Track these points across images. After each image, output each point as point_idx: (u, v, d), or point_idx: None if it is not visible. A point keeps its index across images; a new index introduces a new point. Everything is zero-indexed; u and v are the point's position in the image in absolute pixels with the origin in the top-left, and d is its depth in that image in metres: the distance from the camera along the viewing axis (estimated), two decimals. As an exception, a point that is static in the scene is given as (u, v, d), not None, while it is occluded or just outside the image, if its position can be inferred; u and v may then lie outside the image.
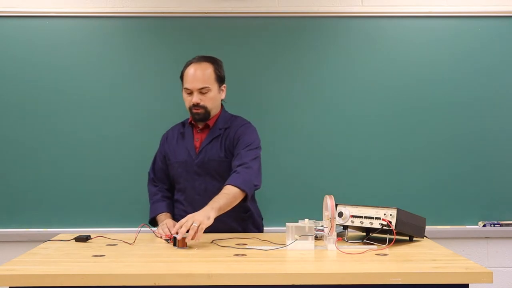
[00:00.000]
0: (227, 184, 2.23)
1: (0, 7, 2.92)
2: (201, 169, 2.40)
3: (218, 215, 2.11)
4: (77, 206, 2.91)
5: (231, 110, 2.54)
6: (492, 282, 1.62)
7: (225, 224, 2.31)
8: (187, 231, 2.00)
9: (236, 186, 2.22)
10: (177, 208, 2.48)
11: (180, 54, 2.44)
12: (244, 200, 2.28)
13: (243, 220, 2.44)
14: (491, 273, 1.63)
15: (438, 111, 2.95)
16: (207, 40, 2.94)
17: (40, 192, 2.91)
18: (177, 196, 2.49)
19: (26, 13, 2.92)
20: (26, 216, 2.91)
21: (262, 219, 2.57)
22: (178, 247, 2.00)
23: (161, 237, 2.23)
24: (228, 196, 2.19)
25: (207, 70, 2.37)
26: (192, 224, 1.99)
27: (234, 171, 2.28)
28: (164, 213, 2.44)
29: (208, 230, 2.05)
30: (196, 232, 1.99)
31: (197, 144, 2.43)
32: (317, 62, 2.96)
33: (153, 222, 2.46)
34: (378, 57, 2.96)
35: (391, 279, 1.63)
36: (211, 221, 2.06)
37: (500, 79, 2.96)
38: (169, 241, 2.13)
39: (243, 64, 2.96)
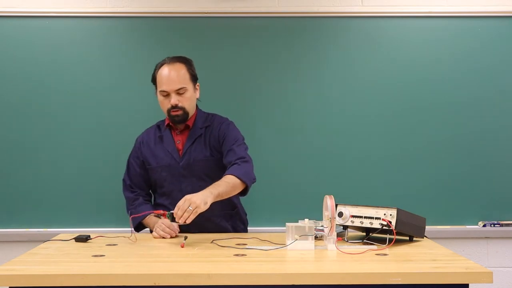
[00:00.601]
0: (228, 174, 2.21)
1: (0, 7, 2.92)
2: (187, 171, 2.37)
3: (215, 201, 2.10)
4: (77, 206, 2.91)
5: (231, 109, 2.54)
6: (492, 282, 1.62)
7: (214, 223, 2.31)
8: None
9: (237, 177, 2.20)
10: None
11: (180, 54, 2.43)
12: (243, 193, 2.27)
13: (231, 217, 2.44)
14: (491, 273, 1.63)
15: (438, 111, 2.95)
16: (207, 40, 2.94)
17: (40, 192, 2.91)
18: (161, 200, 2.45)
19: (26, 13, 2.91)
20: (26, 216, 2.91)
21: (246, 214, 2.56)
22: (176, 222, 2.01)
23: (163, 238, 2.23)
24: (229, 184, 2.17)
25: (181, 70, 2.34)
26: (188, 207, 1.99)
27: (235, 163, 2.26)
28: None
29: (198, 230, 2.04)
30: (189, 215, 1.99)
31: (179, 146, 2.40)
32: (317, 62, 2.96)
33: (139, 227, 2.40)
34: (378, 57, 2.96)
35: (391, 279, 1.62)
36: (207, 207, 2.04)
37: (500, 79, 2.96)
38: (161, 216, 2.11)
39: (243, 64, 2.95)
